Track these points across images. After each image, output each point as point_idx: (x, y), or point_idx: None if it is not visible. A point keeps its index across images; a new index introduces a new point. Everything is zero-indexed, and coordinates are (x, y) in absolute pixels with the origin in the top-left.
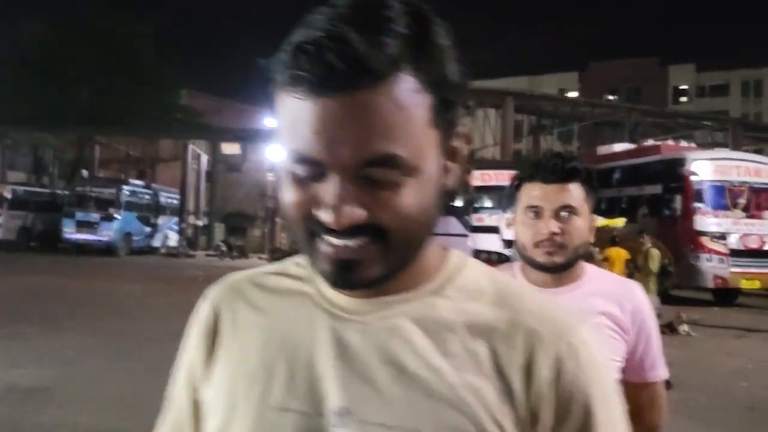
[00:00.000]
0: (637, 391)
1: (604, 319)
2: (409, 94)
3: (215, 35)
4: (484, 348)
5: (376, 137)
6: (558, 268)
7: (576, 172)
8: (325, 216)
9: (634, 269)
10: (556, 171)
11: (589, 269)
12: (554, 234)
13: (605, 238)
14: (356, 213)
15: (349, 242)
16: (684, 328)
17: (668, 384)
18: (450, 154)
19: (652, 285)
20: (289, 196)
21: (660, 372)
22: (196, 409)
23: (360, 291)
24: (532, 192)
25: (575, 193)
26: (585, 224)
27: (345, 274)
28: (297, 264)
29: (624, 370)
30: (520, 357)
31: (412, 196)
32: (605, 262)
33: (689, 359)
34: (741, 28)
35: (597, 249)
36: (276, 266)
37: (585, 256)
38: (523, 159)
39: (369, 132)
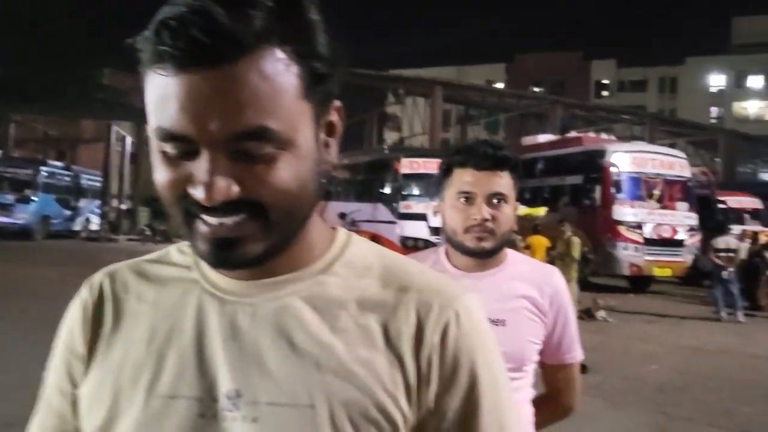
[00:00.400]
0: (554, 373)
1: (525, 302)
2: (277, 66)
3: (141, 12)
4: (374, 322)
5: (245, 110)
6: (486, 253)
7: (507, 160)
8: (199, 194)
9: (555, 257)
10: (489, 158)
11: (511, 255)
12: (486, 220)
13: (527, 227)
14: (230, 189)
15: (226, 220)
16: (601, 314)
17: (584, 368)
18: (328, 128)
19: (572, 272)
20: (161, 176)
21: (576, 354)
22: (74, 405)
23: (246, 272)
24: (464, 178)
25: (505, 180)
26: (512, 212)
27: (224, 254)
28: (180, 251)
29: (542, 352)
30: (410, 328)
31: (289, 170)
32: (527, 250)
33: (605, 344)
34: (660, 27)
35: (519, 237)
36: (157, 254)
37: (509, 243)
38: (451, 147)
39: (237, 105)
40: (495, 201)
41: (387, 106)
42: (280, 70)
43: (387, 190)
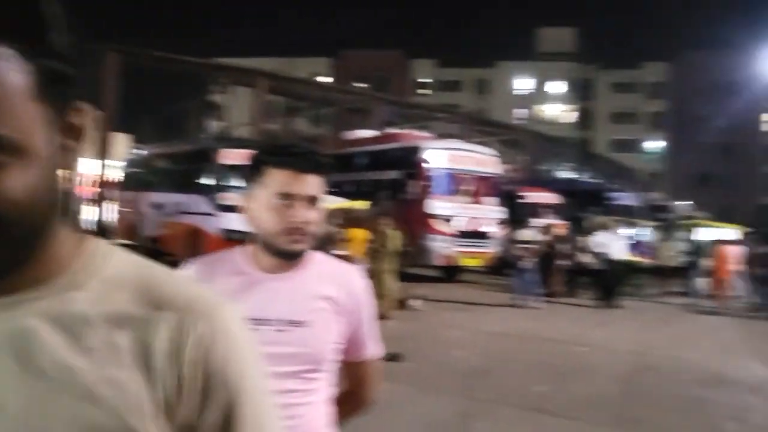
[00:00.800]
0: (354, 369)
1: (327, 303)
2: (2, 66)
3: None
4: (126, 340)
5: None
6: (298, 255)
7: (325, 164)
8: None
9: (374, 249)
10: (312, 162)
11: (314, 254)
12: (305, 223)
13: (348, 220)
14: None
15: None
16: (416, 303)
17: (398, 356)
18: (68, 131)
19: (390, 264)
20: None
21: (375, 350)
22: None
23: None
24: (283, 178)
25: (320, 183)
26: (322, 213)
27: None
28: None
29: (342, 350)
30: (164, 344)
31: (22, 179)
32: (347, 243)
33: (419, 332)
34: (475, 31)
35: (340, 230)
36: None
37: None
38: (264, 146)
39: None
40: (311, 204)
41: (210, 95)
42: (5, 70)
43: (207, 181)
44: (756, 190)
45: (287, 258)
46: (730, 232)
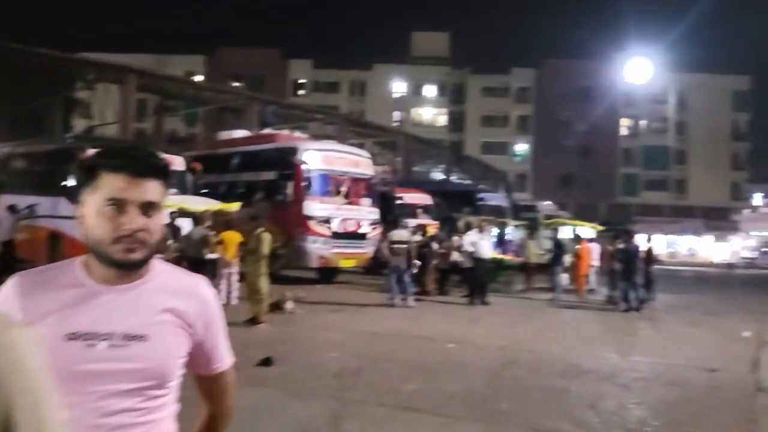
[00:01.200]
0: (208, 383)
1: (169, 316)
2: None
3: None
4: None
5: None
6: (135, 265)
7: (164, 168)
8: None
9: (247, 252)
10: (146, 165)
11: (157, 265)
12: (139, 230)
13: (221, 222)
14: None
15: None
16: (289, 306)
17: (269, 360)
18: None
19: (263, 267)
20: None
21: (226, 361)
22: None
23: None
24: (116, 183)
25: (159, 189)
26: (162, 220)
27: None
28: None
29: (193, 365)
30: None
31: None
32: (220, 245)
33: (291, 335)
34: (352, 33)
35: (212, 232)
36: None
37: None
38: (100, 150)
39: None
40: (148, 210)
41: (75, 91)
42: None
43: (70, 182)
44: (613, 191)
45: (122, 268)
46: (589, 230)
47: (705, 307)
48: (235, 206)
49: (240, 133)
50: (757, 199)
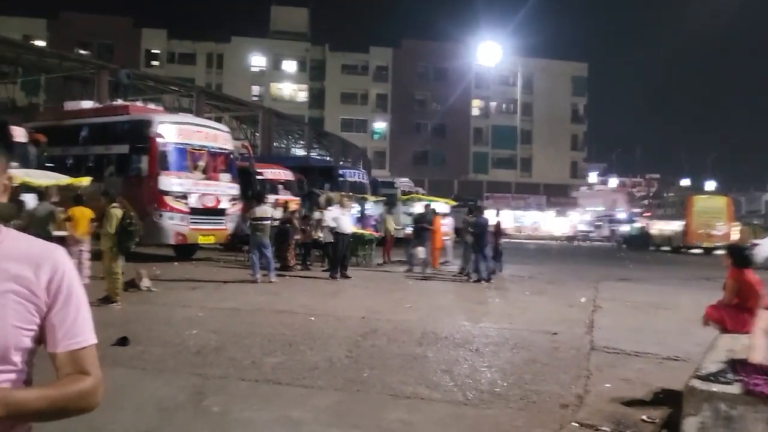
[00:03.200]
0: (64, 361)
1: (13, 284)
2: None
3: None
4: None
5: None
6: None
7: None
8: None
9: (100, 228)
10: None
11: (5, 233)
12: None
13: (70, 197)
14: None
15: None
16: (145, 283)
17: (125, 340)
18: None
19: (112, 244)
20: None
21: (87, 338)
22: None
23: None
24: None
25: None
26: None
27: None
28: None
29: (46, 340)
30: None
31: None
32: (69, 222)
33: (148, 314)
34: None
35: (61, 208)
36: None
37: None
38: None
39: None
40: None
41: None
42: None
43: None
44: (465, 168)
45: None
46: (443, 205)
47: (547, 277)
48: (84, 180)
49: (88, 104)
50: (593, 177)
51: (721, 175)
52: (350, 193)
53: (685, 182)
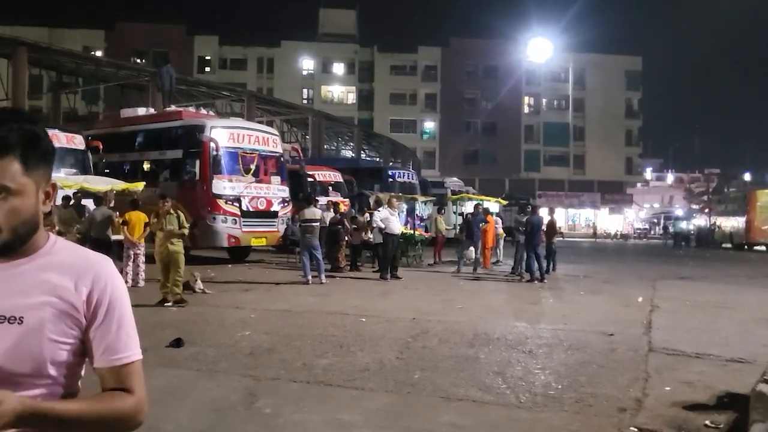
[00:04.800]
0: (107, 376)
1: (52, 297)
2: None
3: None
4: None
5: None
6: None
7: (5, 145)
8: None
9: (157, 232)
10: None
11: (52, 243)
12: None
13: (126, 202)
14: None
15: None
16: (199, 285)
17: (180, 342)
18: None
19: (174, 247)
20: None
21: (131, 354)
22: None
23: None
24: None
25: (8, 170)
26: (29, 202)
27: None
28: None
29: (89, 354)
30: None
31: None
32: (125, 226)
33: (202, 315)
34: (259, 9)
35: (116, 213)
36: None
37: (33, 230)
38: (44, 117)
39: None
40: None
41: None
42: None
43: None
44: (516, 166)
45: None
46: (494, 204)
47: (603, 276)
48: (139, 186)
49: (143, 111)
50: (648, 173)
51: None
52: (399, 194)
53: (747, 177)
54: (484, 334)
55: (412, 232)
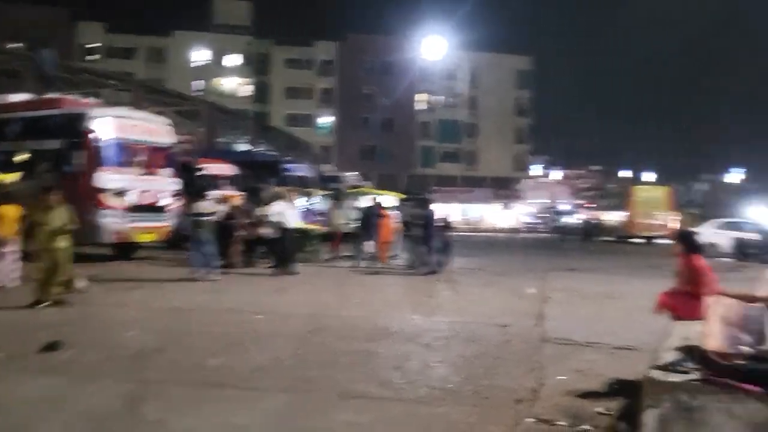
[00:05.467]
0: None
1: None
2: None
3: None
4: None
5: None
6: None
7: None
8: None
9: (33, 227)
10: None
11: None
12: None
13: None
14: None
15: None
16: (80, 284)
17: (56, 345)
18: None
19: (53, 243)
20: None
21: None
22: None
23: None
24: None
25: None
26: None
27: None
28: None
29: None
30: None
31: None
32: None
33: (84, 316)
34: None
35: None
36: None
37: None
38: None
39: None
40: None
41: None
42: None
43: None
44: (412, 162)
45: None
46: (391, 199)
47: (496, 269)
48: (14, 177)
49: (18, 97)
50: (537, 169)
51: (660, 167)
52: (295, 188)
53: (626, 174)
54: (382, 328)
55: (308, 226)
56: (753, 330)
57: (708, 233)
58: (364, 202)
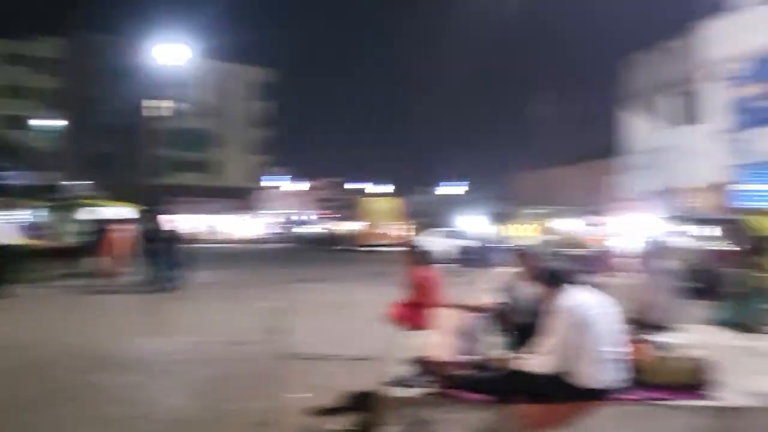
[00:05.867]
0: None
1: None
2: None
3: None
4: None
5: None
6: None
7: None
8: None
9: None
10: None
11: None
12: None
13: None
14: None
15: None
16: None
17: None
18: None
19: None
20: None
21: None
22: None
23: None
24: None
25: None
26: None
27: None
28: None
29: None
30: None
31: None
32: None
33: None
34: None
35: None
36: None
37: None
38: None
39: None
40: None
41: None
42: None
43: None
44: (151, 171)
45: None
46: (125, 210)
47: (236, 282)
48: None
49: None
50: (282, 180)
51: (397, 179)
52: (8, 199)
53: (361, 186)
54: (108, 356)
55: (27, 241)
56: (474, 338)
57: (434, 241)
58: (94, 213)
